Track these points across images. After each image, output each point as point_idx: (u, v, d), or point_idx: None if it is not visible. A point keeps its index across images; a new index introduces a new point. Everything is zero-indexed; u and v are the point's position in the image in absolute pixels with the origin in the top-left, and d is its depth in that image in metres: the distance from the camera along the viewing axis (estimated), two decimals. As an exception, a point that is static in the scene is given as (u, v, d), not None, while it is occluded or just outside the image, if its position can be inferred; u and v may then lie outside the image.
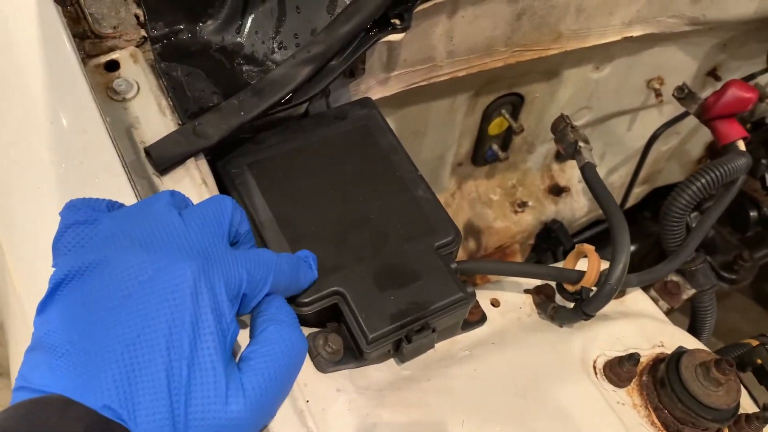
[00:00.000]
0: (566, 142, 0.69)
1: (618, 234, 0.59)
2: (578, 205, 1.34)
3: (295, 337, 0.41)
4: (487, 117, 1.07)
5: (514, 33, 0.83)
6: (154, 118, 0.59)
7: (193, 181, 0.55)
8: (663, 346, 0.64)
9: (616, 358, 0.60)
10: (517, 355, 0.59)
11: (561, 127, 0.70)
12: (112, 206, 0.42)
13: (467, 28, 0.78)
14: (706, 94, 0.82)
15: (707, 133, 0.81)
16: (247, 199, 0.58)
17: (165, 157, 0.55)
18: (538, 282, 0.67)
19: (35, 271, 0.45)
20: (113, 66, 0.62)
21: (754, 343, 0.80)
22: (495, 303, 0.65)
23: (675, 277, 0.84)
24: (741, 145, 0.75)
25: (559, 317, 0.63)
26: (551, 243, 1.31)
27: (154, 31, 0.63)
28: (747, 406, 0.63)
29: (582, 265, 0.61)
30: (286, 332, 0.41)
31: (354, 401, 0.51)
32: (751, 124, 1.11)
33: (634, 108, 1.19)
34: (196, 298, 0.36)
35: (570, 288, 0.61)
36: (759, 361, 0.77)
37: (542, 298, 0.66)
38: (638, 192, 1.39)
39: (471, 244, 1.28)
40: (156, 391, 0.34)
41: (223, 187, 0.59)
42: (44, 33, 0.53)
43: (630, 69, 1.09)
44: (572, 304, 0.62)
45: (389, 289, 0.53)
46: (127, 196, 0.48)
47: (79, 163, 0.49)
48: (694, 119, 0.82)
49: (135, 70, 0.62)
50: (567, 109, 1.12)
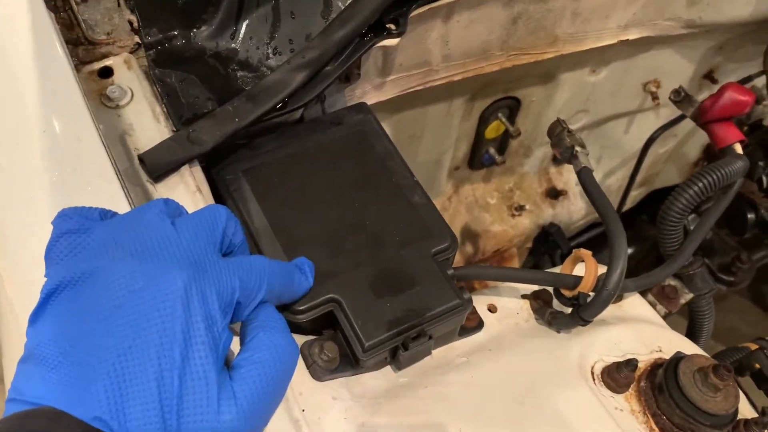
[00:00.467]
0: (563, 146, 0.69)
1: (615, 240, 0.59)
2: (575, 208, 1.34)
3: (285, 343, 0.41)
4: (483, 121, 1.07)
5: (510, 37, 0.83)
6: (148, 125, 0.59)
7: (188, 188, 0.55)
8: (661, 351, 0.64)
9: (614, 363, 0.60)
10: (514, 362, 0.59)
11: (557, 131, 0.70)
12: (105, 215, 0.42)
13: (463, 33, 0.78)
14: (702, 97, 0.82)
15: (704, 136, 0.80)
16: (242, 206, 0.57)
17: (159, 164, 0.55)
18: (535, 287, 0.67)
19: (28, 279, 0.44)
20: (107, 72, 0.62)
21: (753, 346, 0.80)
22: (492, 309, 0.64)
23: (673, 282, 0.84)
24: (738, 149, 0.75)
25: (557, 323, 0.63)
26: (549, 246, 1.31)
27: (148, 38, 0.63)
28: (746, 411, 0.62)
29: (579, 270, 0.60)
30: (276, 338, 0.41)
31: (350, 409, 0.50)
32: (747, 126, 1.11)
33: (631, 111, 1.19)
34: (188, 308, 0.36)
35: (567, 293, 0.61)
36: (757, 365, 0.77)
37: (540, 303, 0.66)
38: (635, 195, 1.39)
39: (468, 247, 1.28)
40: (147, 401, 0.33)
41: (218, 194, 0.59)
42: (37, 39, 0.53)
43: (626, 72, 1.09)
44: (570, 310, 0.62)
45: (385, 296, 0.53)
46: (121, 204, 0.48)
47: (72, 171, 0.49)
48: (690, 122, 0.82)
49: (129, 76, 0.62)
50: (563, 112, 1.12)
